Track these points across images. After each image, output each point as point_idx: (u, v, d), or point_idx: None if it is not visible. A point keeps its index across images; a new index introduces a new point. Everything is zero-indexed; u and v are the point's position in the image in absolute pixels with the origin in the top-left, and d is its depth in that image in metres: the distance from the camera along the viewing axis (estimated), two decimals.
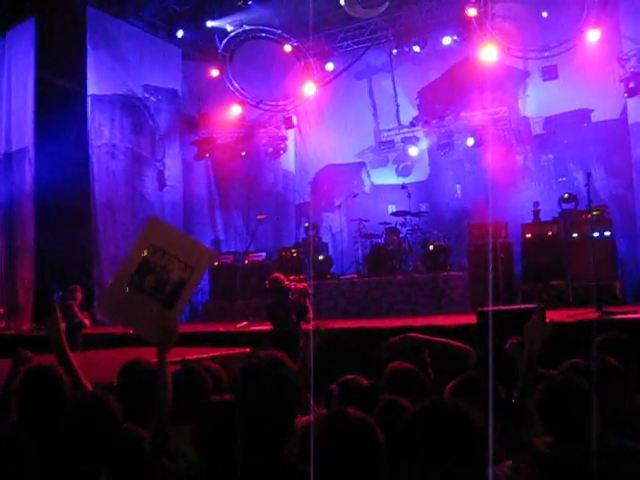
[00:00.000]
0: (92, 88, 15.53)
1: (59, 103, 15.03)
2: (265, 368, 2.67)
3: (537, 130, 15.74)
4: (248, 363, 2.72)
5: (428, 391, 3.86)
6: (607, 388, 3.33)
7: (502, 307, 8.76)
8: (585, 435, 2.99)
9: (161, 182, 17.01)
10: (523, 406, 3.34)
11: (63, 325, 4.07)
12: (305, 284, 9.93)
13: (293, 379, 2.65)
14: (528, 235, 13.06)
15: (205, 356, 6.62)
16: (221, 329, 11.57)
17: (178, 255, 3.70)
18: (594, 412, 3.01)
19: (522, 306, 9.40)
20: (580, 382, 3.14)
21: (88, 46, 15.19)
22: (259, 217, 14.69)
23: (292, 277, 10.31)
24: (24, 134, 14.68)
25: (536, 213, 13.57)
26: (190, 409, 3.63)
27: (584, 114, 14.95)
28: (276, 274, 9.76)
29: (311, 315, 9.27)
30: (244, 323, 12.00)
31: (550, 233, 12.92)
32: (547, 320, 3.74)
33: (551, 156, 15.56)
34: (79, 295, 10.62)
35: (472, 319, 8.69)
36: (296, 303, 9.22)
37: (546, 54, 14.86)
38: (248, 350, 7.93)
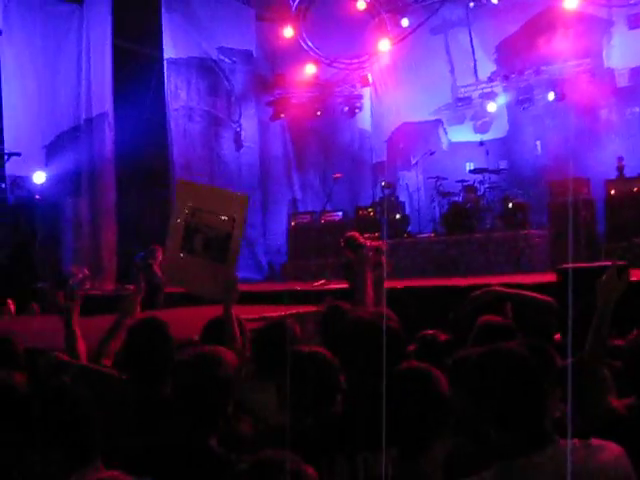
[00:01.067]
0: (168, 52, 15.72)
1: (136, 68, 15.33)
2: (373, 322, 2.69)
3: (622, 82, 15.11)
4: (358, 315, 2.75)
5: None
6: None
7: (584, 264, 8.53)
8: None
9: (238, 143, 17.15)
10: (594, 368, 3.25)
11: (144, 285, 4.15)
12: (380, 242, 9.88)
13: (397, 334, 2.67)
14: (612, 192, 12.64)
15: (282, 314, 6.68)
16: (298, 287, 11.65)
17: (215, 209, 3.72)
18: None
19: (605, 263, 9.13)
20: None
21: (163, 9, 15.35)
22: (335, 176, 14.65)
23: (367, 235, 10.29)
24: (103, 99, 14.97)
25: (620, 169, 13.10)
26: (276, 364, 3.64)
27: None
28: (351, 232, 9.74)
29: (386, 273, 9.21)
30: (321, 281, 12.05)
31: (635, 189, 12.46)
32: (631, 278, 3.60)
33: (637, 109, 14.93)
34: (159, 254, 10.83)
35: (552, 277, 8.52)
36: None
37: (632, 1, 14.23)
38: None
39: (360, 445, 2.49)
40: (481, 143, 15.18)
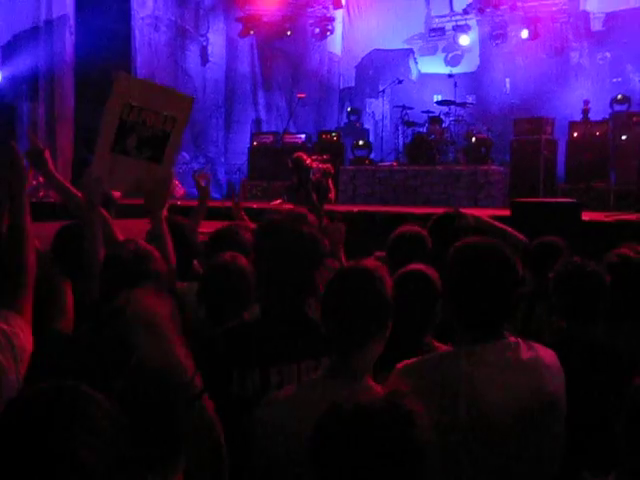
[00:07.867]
0: None
1: None
2: (286, 223, 2.59)
3: (596, 26, 14.99)
4: (269, 219, 2.63)
5: None
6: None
7: (538, 199, 8.55)
8: (598, 318, 2.96)
9: (204, 57, 16.74)
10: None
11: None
12: (328, 164, 9.71)
13: (314, 235, 2.56)
14: (575, 134, 12.67)
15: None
16: (254, 206, 11.54)
17: (155, 108, 3.46)
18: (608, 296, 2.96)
19: (558, 200, 9.17)
20: (596, 267, 3.06)
21: None
22: (299, 95, 14.41)
23: (314, 157, 10.07)
24: (64, 1, 14.41)
25: (585, 112, 13.09)
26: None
27: None
28: (298, 153, 9.58)
29: (333, 195, 9.13)
30: (278, 201, 11.95)
31: (598, 133, 12.48)
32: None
33: (608, 55, 14.83)
34: None
35: (507, 212, 8.54)
36: (318, 183, 9.07)
37: None
38: None
39: (275, 357, 2.41)
40: (450, 75, 15.03)
